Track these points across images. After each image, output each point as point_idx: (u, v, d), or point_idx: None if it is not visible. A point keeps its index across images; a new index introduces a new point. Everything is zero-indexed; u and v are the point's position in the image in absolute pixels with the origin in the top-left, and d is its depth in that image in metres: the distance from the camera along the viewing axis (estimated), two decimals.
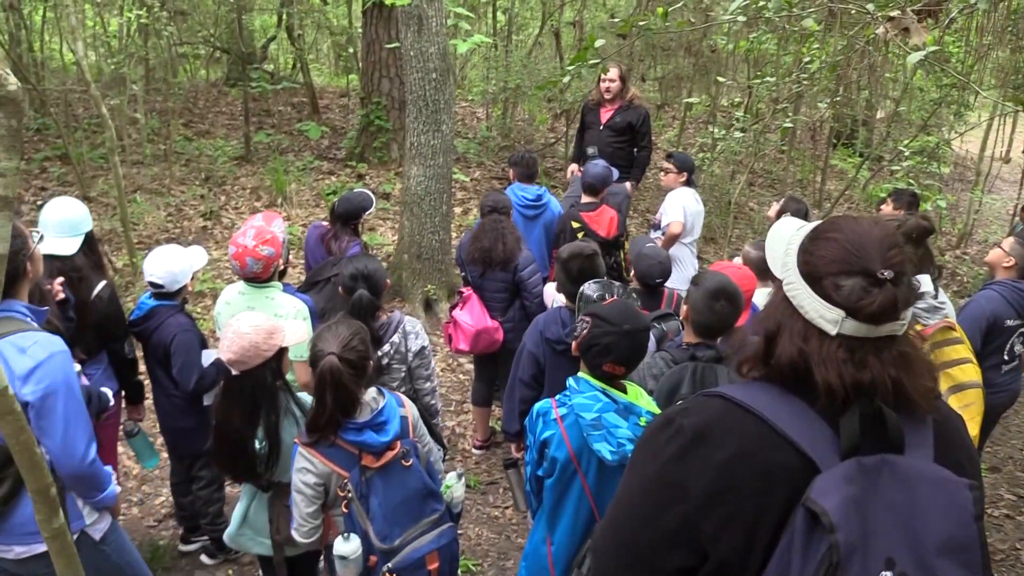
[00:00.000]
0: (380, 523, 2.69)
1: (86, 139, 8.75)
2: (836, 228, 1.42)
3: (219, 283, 6.85)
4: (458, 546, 2.98)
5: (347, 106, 11.04)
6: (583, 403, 2.61)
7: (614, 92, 7.01)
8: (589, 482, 2.68)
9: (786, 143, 10.22)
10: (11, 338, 2.40)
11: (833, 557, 1.20)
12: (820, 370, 1.32)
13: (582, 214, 5.45)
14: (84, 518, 2.66)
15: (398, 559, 2.71)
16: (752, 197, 10.04)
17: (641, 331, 2.70)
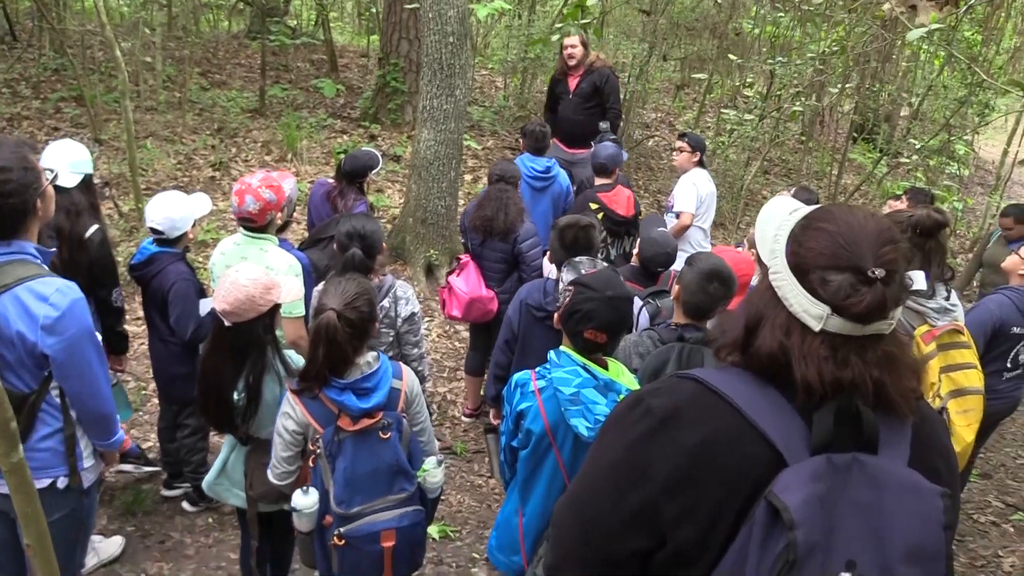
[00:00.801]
0: (341, 487, 2.65)
1: (102, 82, 8.71)
2: (829, 218, 1.34)
3: (223, 234, 6.83)
4: (422, 531, 2.88)
5: (366, 66, 10.96)
6: (562, 377, 2.58)
7: (578, 58, 7.21)
8: (564, 456, 2.65)
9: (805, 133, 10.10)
10: (29, 284, 2.38)
11: (790, 555, 1.17)
12: (800, 366, 1.27)
13: (599, 195, 5.43)
14: (84, 460, 2.68)
15: (352, 527, 2.67)
16: (766, 185, 9.94)
17: (623, 299, 2.65)
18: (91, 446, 2.72)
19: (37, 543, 1.72)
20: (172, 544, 3.96)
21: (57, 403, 2.58)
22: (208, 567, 3.84)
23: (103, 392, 2.59)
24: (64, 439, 2.61)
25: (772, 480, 1.23)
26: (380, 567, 2.76)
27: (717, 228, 8.49)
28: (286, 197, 3.72)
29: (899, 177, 10.14)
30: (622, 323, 2.67)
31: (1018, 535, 5.17)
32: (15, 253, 2.42)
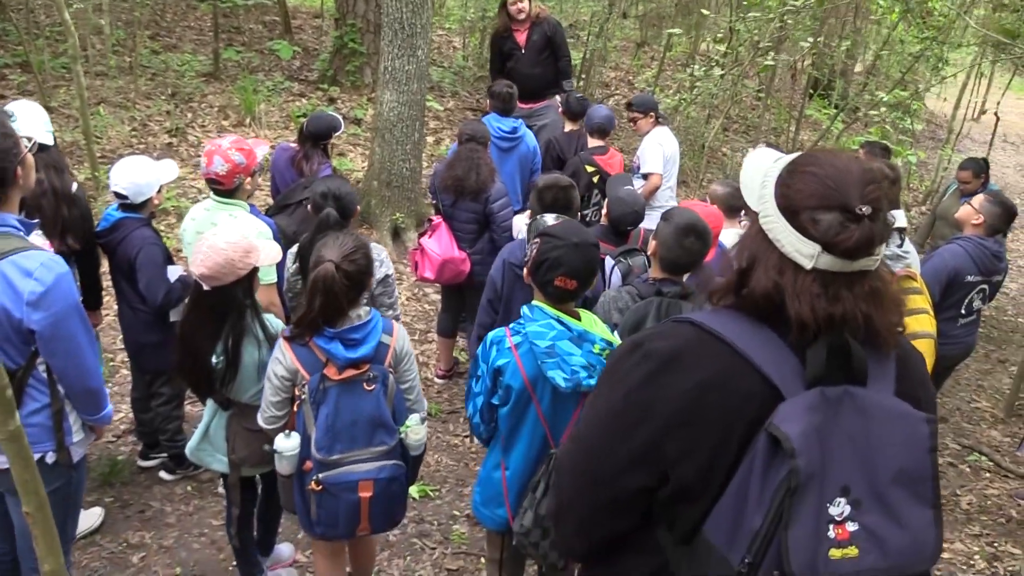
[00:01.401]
0: (322, 433, 2.71)
1: (48, 47, 8.41)
2: (815, 162, 1.41)
3: (183, 201, 6.71)
4: (402, 487, 2.92)
5: (320, 27, 10.73)
6: (537, 331, 2.61)
7: (527, 12, 7.18)
8: (543, 409, 2.70)
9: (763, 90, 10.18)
10: (13, 258, 2.32)
11: (792, 482, 1.23)
12: (793, 303, 1.33)
13: (595, 157, 5.48)
14: (72, 435, 2.66)
15: (330, 473, 2.73)
16: (725, 142, 10.03)
17: (590, 245, 2.68)
18: (79, 420, 2.70)
19: (37, 511, 1.71)
20: (152, 513, 3.95)
21: (44, 378, 2.54)
22: (191, 534, 3.84)
23: (90, 367, 2.56)
24: (52, 414, 2.58)
25: (769, 414, 1.30)
26: (356, 517, 2.81)
27: (680, 186, 8.56)
28: (256, 162, 3.67)
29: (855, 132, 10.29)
30: (590, 269, 2.69)
31: (974, 475, 5.40)
32: None
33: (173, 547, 3.75)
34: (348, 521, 2.81)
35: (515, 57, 7.27)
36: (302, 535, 3.89)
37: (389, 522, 3.00)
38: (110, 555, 3.67)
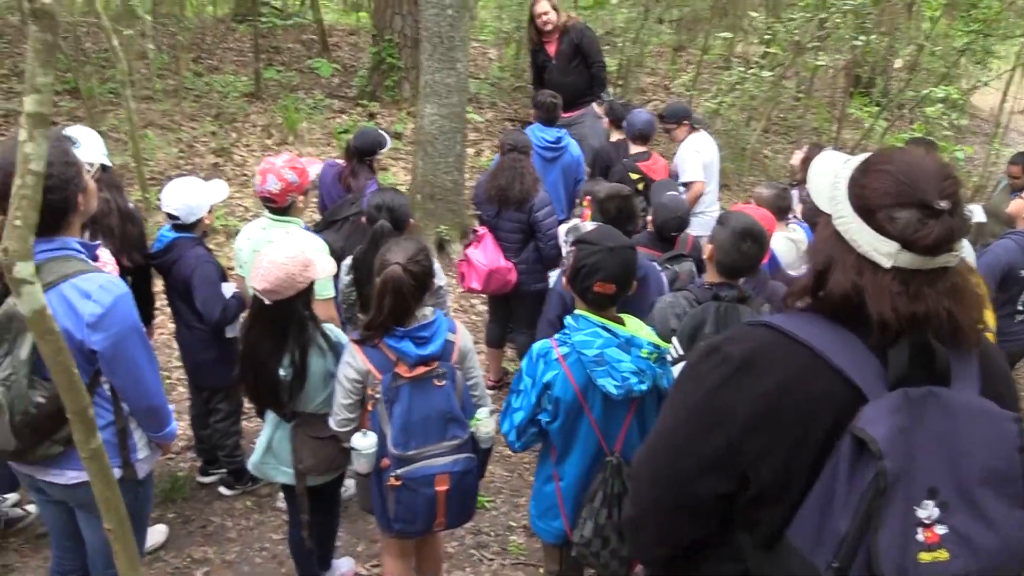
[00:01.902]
0: (397, 431, 2.80)
1: (95, 73, 8.63)
2: (888, 160, 1.40)
3: (232, 220, 6.82)
4: (474, 480, 3.00)
5: (356, 44, 10.86)
6: (584, 340, 2.61)
7: (553, 23, 7.15)
8: (595, 417, 2.70)
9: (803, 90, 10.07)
10: (74, 280, 2.36)
11: (880, 483, 1.21)
12: (874, 303, 1.32)
13: (639, 164, 5.46)
14: (138, 451, 2.70)
15: (408, 469, 2.82)
16: (766, 144, 9.92)
17: (626, 249, 2.70)
18: (145, 437, 2.74)
19: (117, 527, 1.75)
20: (214, 528, 4.00)
21: (108, 396, 2.59)
22: (252, 549, 3.88)
23: (151, 385, 2.59)
24: (116, 432, 2.63)
25: (852, 416, 1.28)
26: (433, 511, 2.89)
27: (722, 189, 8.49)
28: (309, 181, 3.73)
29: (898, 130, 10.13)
30: (628, 272, 2.70)
31: None
32: (59, 249, 2.40)
33: (235, 562, 3.80)
34: (426, 515, 2.89)
35: (548, 68, 7.30)
36: (362, 548, 3.92)
37: (464, 515, 3.07)
38: (175, 570, 3.72)
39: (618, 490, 2.69)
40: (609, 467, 2.71)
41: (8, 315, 2.37)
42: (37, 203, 1.51)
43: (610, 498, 2.69)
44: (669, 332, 3.06)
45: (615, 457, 2.71)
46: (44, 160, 1.52)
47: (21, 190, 1.50)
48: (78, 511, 2.72)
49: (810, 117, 10.51)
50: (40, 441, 2.45)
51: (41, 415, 2.39)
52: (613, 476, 2.70)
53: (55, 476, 2.56)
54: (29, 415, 2.36)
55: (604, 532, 2.69)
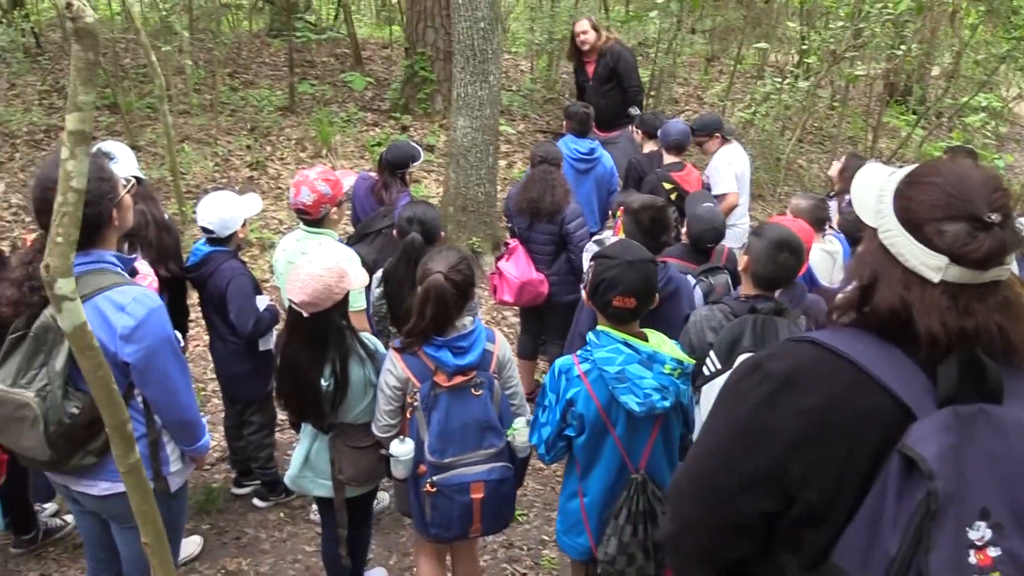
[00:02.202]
0: (435, 438, 2.84)
1: (133, 88, 8.79)
2: (935, 171, 1.36)
3: (266, 233, 6.90)
4: (510, 489, 3.02)
5: (389, 57, 10.95)
6: (605, 357, 2.59)
7: (591, 43, 7.12)
8: (619, 433, 2.67)
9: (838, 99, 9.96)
10: (108, 293, 2.40)
11: (931, 504, 1.17)
12: (923, 319, 1.28)
13: (672, 174, 5.41)
14: (170, 464, 2.71)
15: (444, 476, 2.86)
16: (801, 154, 9.82)
17: (645, 262, 2.67)
18: (177, 450, 2.75)
19: (155, 540, 1.75)
20: (248, 540, 4.02)
21: (141, 408, 2.61)
22: (285, 560, 3.89)
23: (183, 399, 2.61)
24: (148, 444, 2.65)
25: (899, 434, 1.24)
26: (469, 518, 2.93)
27: (756, 200, 8.42)
28: (342, 193, 3.75)
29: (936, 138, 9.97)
30: (648, 286, 2.67)
31: None
32: (94, 263, 2.44)
33: (269, 573, 3.81)
34: (461, 522, 2.92)
35: (586, 88, 7.34)
36: (394, 560, 3.91)
37: (499, 523, 3.10)
38: None
39: (643, 507, 2.66)
40: (634, 484, 2.68)
41: (44, 327, 2.41)
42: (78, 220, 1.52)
43: (635, 515, 2.66)
44: (706, 345, 3.02)
45: (640, 474, 2.68)
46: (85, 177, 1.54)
47: (62, 207, 1.52)
48: (112, 523, 2.74)
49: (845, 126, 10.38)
50: (74, 451, 2.48)
51: (75, 425, 2.42)
52: (638, 493, 2.67)
53: (88, 487, 2.59)
54: (63, 425, 2.39)
55: (629, 549, 2.66)
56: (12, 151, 7.56)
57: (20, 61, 8.90)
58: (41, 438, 2.39)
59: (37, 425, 2.37)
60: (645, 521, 2.65)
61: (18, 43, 8.68)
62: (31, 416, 2.37)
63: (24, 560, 3.80)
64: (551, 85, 10.43)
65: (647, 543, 2.65)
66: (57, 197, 1.53)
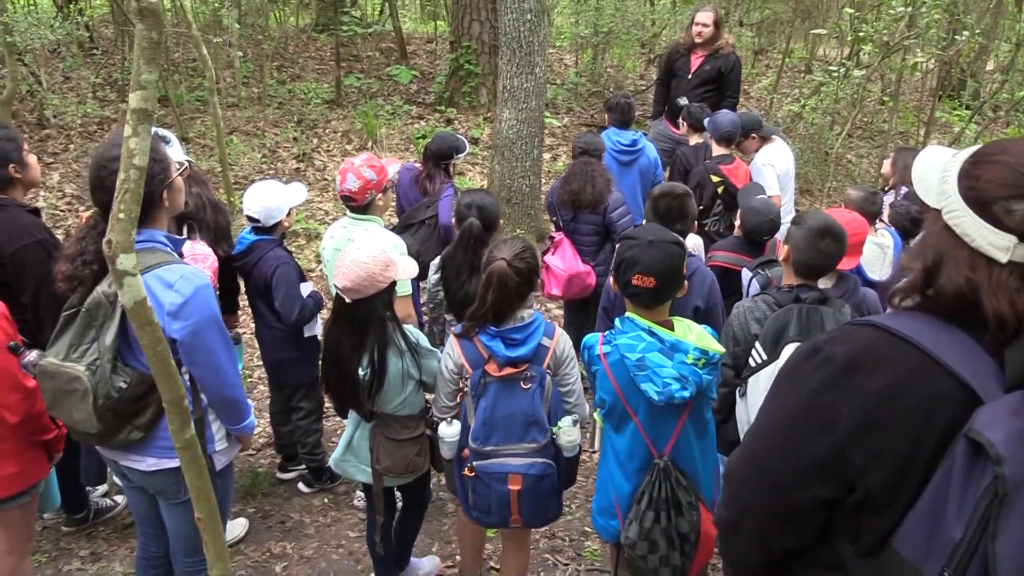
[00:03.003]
0: (479, 425, 2.89)
1: (184, 82, 8.95)
2: (1003, 150, 1.32)
3: (312, 223, 6.97)
4: (551, 486, 2.97)
5: (434, 51, 11.01)
6: (627, 343, 2.56)
7: (705, 37, 6.73)
8: (641, 420, 2.64)
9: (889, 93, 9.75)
10: (157, 271, 2.44)
11: (999, 490, 1.14)
12: (991, 300, 1.24)
13: (721, 167, 5.32)
14: (216, 443, 2.75)
15: (484, 463, 2.90)
16: (850, 149, 9.65)
17: (667, 243, 2.62)
18: (223, 430, 2.79)
19: (208, 517, 1.78)
20: (292, 524, 4.07)
21: (188, 386, 2.64)
22: (329, 545, 3.93)
23: (228, 377, 2.64)
24: (194, 422, 2.69)
25: (964, 419, 1.21)
26: (507, 508, 2.94)
27: (803, 195, 8.30)
28: (388, 179, 3.76)
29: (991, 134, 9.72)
30: (669, 266, 2.61)
31: None
32: (145, 241, 2.48)
33: (313, 557, 3.85)
34: (499, 511, 2.95)
35: (679, 79, 6.85)
36: (436, 548, 3.93)
37: (542, 518, 3.09)
38: (255, 564, 3.80)
39: (666, 495, 2.62)
40: (655, 470, 2.64)
41: (96, 302, 2.47)
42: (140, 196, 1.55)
43: (656, 501, 2.61)
44: (750, 337, 2.99)
45: (663, 460, 2.64)
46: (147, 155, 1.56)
47: (124, 184, 1.54)
48: (159, 498, 2.79)
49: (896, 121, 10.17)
50: (122, 425, 2.53)
51: (123, 399, 2.47)
52: (660, 479, 2.63)
53: (135, 462, 2.64)
54: (111, 399, 2.45)
55: (651, 536, 2.62)
56: (67, 142, 7.75)
57: (74, 55, 9.12)
58: (90, 411, 2.44)
59: (87, 398, 2.43)
60: (668, 509, 2.61)
61: (73, 37, 8.88)
62: (81, 389, 2.43)
63: (75, 539, 3.90)
64: (596, 79, 10.39)
65: (671, 532, 2.61)
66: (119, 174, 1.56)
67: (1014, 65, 9.31)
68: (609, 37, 9.93)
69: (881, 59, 7.26)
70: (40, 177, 4.25)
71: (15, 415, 2.71)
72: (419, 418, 3.11)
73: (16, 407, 2.71)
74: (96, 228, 2.50)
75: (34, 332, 3.14)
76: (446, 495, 4.27)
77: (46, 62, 8.62)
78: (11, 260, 3.31)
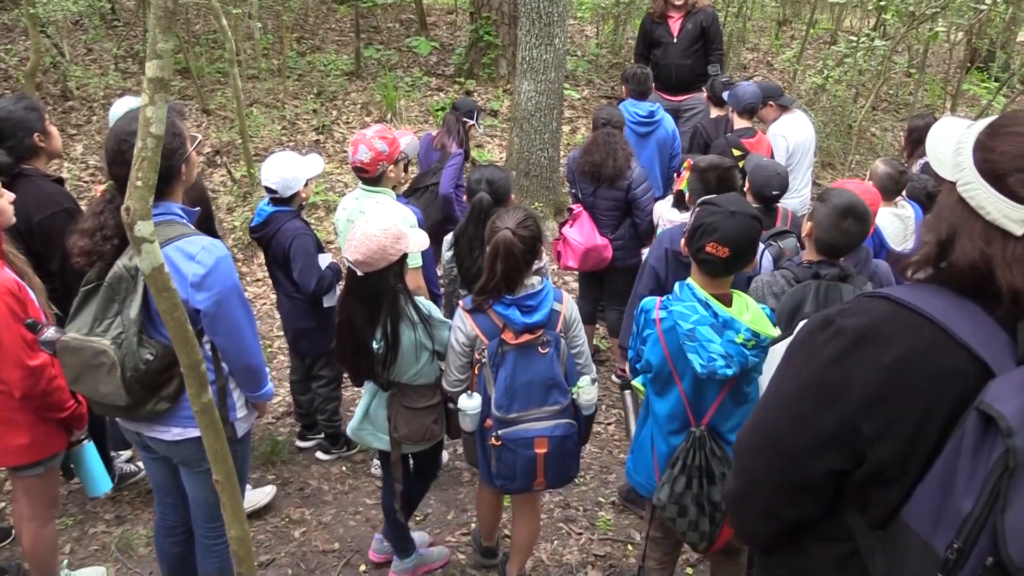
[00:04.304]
0: (501, 394, 2.94)
1: (204, 54, 8.97)
2: (1019, 122, 1.30)
3: (331, 195, 7.00)
4: (574, 444, 3.08)
5: (454, 23, 10.94)
6: (681, 312, 2.56)
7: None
8: (685, 387, 2.65)
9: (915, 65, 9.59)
10: (178, 243, 2.47)
11: (1009, 462, 1.14)
12: (1005, 273, 1.23)
13: (743, 140, 5.27)
14: (236, 410, 2.80)
15: (509, 431, 2.96)
16: (874, 122, 9.52)
17: (749, 216, 2.58)
18: (243, 397, 2.83)
19: (225, 479, 1.82)
20: (311, 491, 4.14)
21: (209, 356, 2.68)
22: (347, 512, 4.00)
23: (250, 345, 2.68)
24: (217, 390, 2.73)
25: (976, 391, 1.21)
26: (533, 471, 3.02)
27: (825, 168, 8.22)
28: (400, 151, 3.76)
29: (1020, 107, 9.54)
30: (746, 239, 2.57)
31: None
32: (163, 214, 2.50)
33: (331, 523, 3.92)
34: (525, 475, 3.01)
35: (664, 45, 6.86)
36: (452, 516, 3.98)
37: (563, 477, 3.17)
38: (274, 528, 3.87)
39: (700, 462, 2.64)
40: (691, 438, 2.66)
41: (118, 276, 2.49)
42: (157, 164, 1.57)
43: (690, 468, 2.63)
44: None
45: (699, 429, 2.65)
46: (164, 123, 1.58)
47: (142, 152, 1.56)
48: (181, 468, 2.85)
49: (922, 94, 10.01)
50: (149, 397, 2.57)
51: (150, 371, 2.51)
52: (695, 447, 2.65)
53: (160, 432, 2.69)
54: (139, 371, 2.48)
55: (682, 501, 2.64)
56: (89, 114, 7.80)
57: (96, 27, 9.15)
58: (119, 384, 2.48)
59: (114, 371, 2.46)
60: (701, 476, 2.63)
61: (95, 9, 8.91)
62: (108, 363, 2.46)
63: (101, 503, 3.98)
64: (616, 50, 10.29)
65: (702, 499, 2.64)
66: (137, 142, 1.58)
67: None
68: (631, 8, 9.81)
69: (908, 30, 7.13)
70: (62, 148, 4.30)
71: (18, 391, 2.79)
72: (435, 387, 3.14)
73: (19, 383, 2.79)
74: (113, 202, 2.53)
75: (62, 300, 3.19)
76: (461, 464, 4.32)
77: (68, 34, 8.66)
78: (39, 229, 3.35)
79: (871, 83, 8.35)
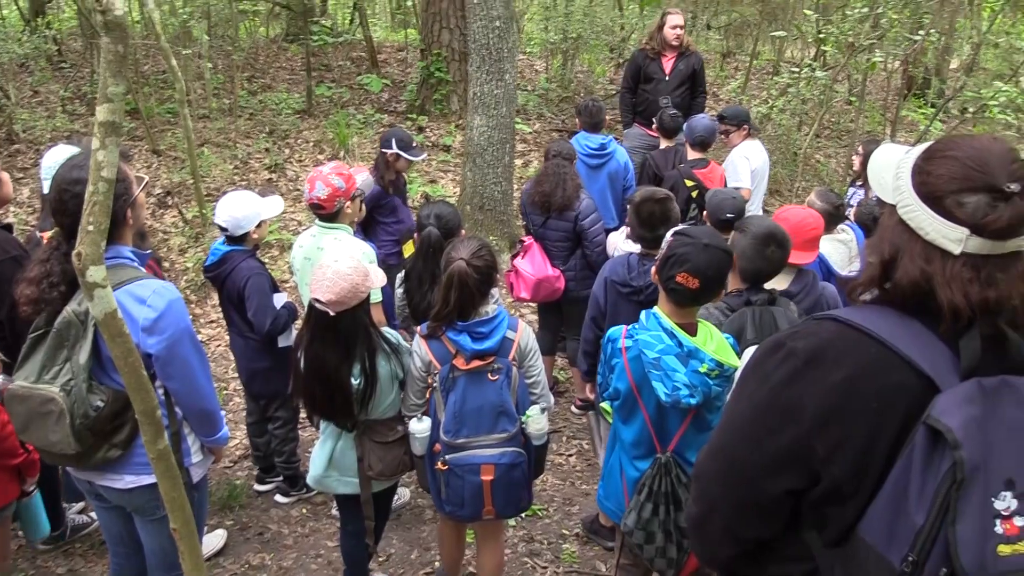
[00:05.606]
0: (450, 419, 2.95)
1: (154, 94, 8.89)
2: (953, 146, 1.37)
3: (285, 234, 6.95)
4: (522, 474, 3.05)
5: (405, 60, 11.01)
6: (647, 340, 2.60)
7: (682, 39, 6.95)
8: (650, 414, 2.69)
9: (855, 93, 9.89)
10: (128, 287, 2.44)
11: (957, 474, 1.18)
12: (945, 291, 1.29)
13: (695, 171, 5.37)
14: (192, 455, 2.74)
15: (457, 456, 2.96)
16: (818, 149, 9.77)
17: (721, 250, 2.62)
18: (198, 443, 2.79)
19: (183, 527, 1.78)
20: (271, 536, 4.06)
21: (163, 400, 2.63)
22: (308, 555, 3.92)
23: (204, 390, 2.65)
24: (170, 435, 2.68)
25: (923, 407, 1.25)
26: (481, 498, 3.00)
27: (773, 195, 8.39)
28: (356, 187, 3.77)
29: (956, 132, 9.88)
30: (716, 272, 2.60)
31: None
32: (112, 258, 2.47)
33: (292, 568, 3.84)
34: (473, 502, 3.00)
35: (656, 82, 6.97)
36: (415, 555, 3.93)
37: (514, 507, 3.14)
38: (233, 575, 3.78)
39: (666, 489, 2.66)
40: (657, 464, 2.69)
41: (66, 322, 2.45)
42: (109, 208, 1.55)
43: (656, 494, 2.67)
44: None
45: (664, 455, 2.68)
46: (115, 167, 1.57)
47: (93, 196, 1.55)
48: (136, 516, 2.78)
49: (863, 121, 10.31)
50: (100, 444, 2.52)
51: (100, 418, 2.46)
52: (661, 473, 2.68)
53: (113, 480, 2.62)
54: (89, 418, 2.43)
55: (649, 527, 2.67)
56: (36, 157, 7.66)
57: (43, 69, 9.03)
58: (68, 432, 2.42)
59: (63, 419, 2.41)
60: (668, 503, 2.66)
61: (41, 51, 8.80)
62: (56, 410, 2.41)
63: (52, 556, 3.86)
64: (566, 84, 10.44)
65: (669, 525, 2.66)
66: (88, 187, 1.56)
67: (976, 64, 9.48)
68: (579, 43, 10.00)
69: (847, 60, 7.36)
70: (12, 193, 4.22)
71: None
72: (400, 418, 3.13)
73: None
74: (59, 249, 2.49)
75: (11, 348, 3.11)
76: (424, 501, 4.28)
77: (14, 76, 8.54)
78: None
79: (814, 112, 8.58)
